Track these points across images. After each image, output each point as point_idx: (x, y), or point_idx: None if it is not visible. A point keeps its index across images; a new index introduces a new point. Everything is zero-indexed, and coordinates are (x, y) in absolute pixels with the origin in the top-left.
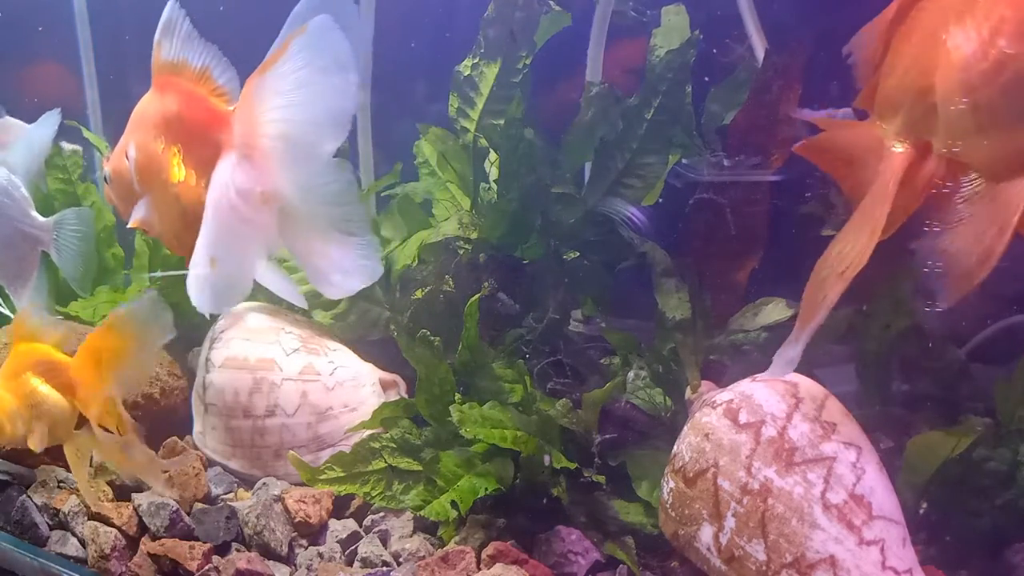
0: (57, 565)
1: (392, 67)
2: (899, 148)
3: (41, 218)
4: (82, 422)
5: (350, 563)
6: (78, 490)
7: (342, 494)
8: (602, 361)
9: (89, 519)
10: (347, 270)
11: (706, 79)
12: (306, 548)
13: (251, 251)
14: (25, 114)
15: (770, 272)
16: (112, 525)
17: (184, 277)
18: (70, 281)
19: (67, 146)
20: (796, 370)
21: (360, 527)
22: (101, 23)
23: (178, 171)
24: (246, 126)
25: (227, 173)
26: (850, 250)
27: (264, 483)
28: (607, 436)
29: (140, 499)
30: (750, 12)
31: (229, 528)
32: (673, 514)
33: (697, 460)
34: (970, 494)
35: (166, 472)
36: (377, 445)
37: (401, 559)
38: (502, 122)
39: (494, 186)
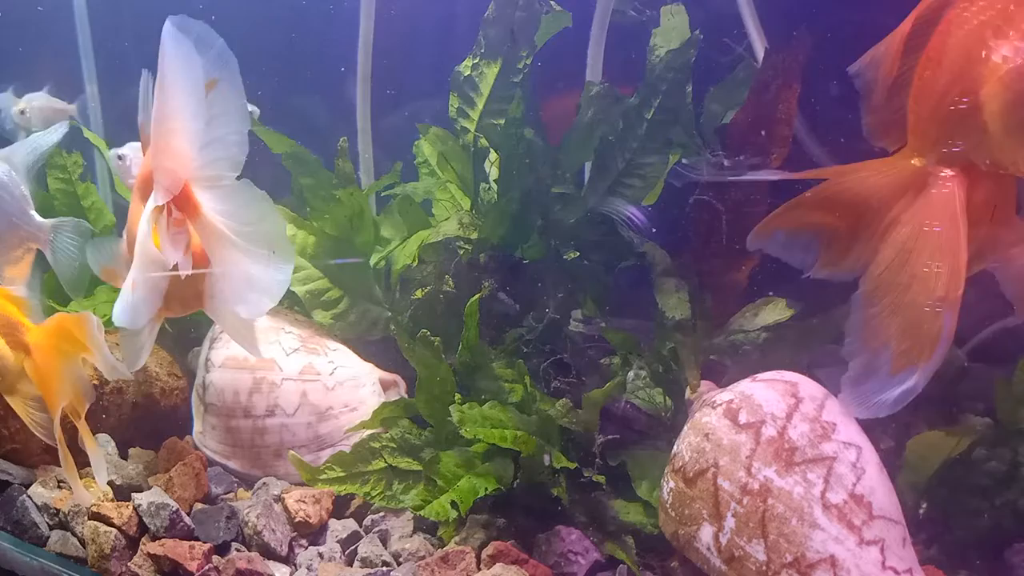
0: (57, 565)
1: (392, 67)
2: (948, 172)
3: (40, 218)
4: None
5: (350, 563)
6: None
7: (342, 494)
8: (602, 361)
9: (89, 519)
10: (262, 288)
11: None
12: (306, 548)
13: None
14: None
15: (770, 272)
16: (112, 525)
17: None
18: (63, 283)
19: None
20: (794, 370)
21: (360, 527)
22: (101, 23)
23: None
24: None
25: (151, 203)
26: (939, 278)
27: (264, 483)
28: (607, 436)
29: (140, 499)
30: (750, 12)
31: (229, 528)
32: (673, 514)
33: (697, 460)
34: (970, 494)
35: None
36: (377, 445)
37: (401, 559)
38: (502, 122)
39: (494, 186)
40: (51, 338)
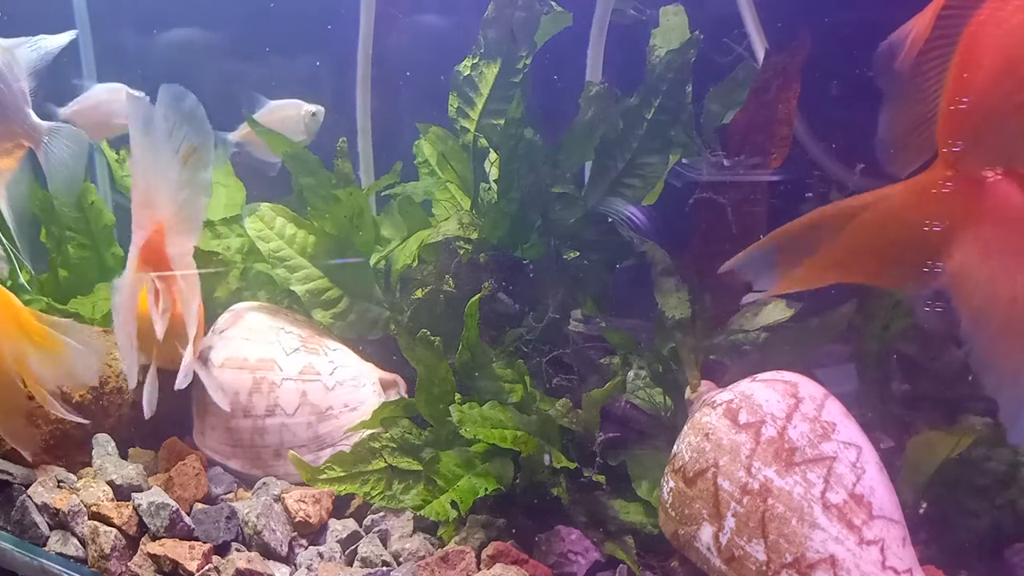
0: (57, 565)
1: (392, 67)
2: (995, 175)
3: (36, 118)
4: None
5: (350, 563)
6: (78, 489)
7: (342, 494)
8: (602, 361)
9: (89, 519)
10: None
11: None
12: (306, 548)
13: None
14: None
15: None
16: (112, 525)
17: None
18: (52, 189)
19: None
20: (794, 370)
21: (360, 527)
22: (101, 23)
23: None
24: None
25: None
26: None
27: (264, 483)
28: (607, 436)
29: (140, 499)
30: (750, 12)
31: (229, 528)
32: (673, 514)
33: (697, 460)
34: (970, 494)
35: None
36: (377, 445)
37: (401, 559)
38: (502, 122)
39: (494, 186)
40: (20, 311)
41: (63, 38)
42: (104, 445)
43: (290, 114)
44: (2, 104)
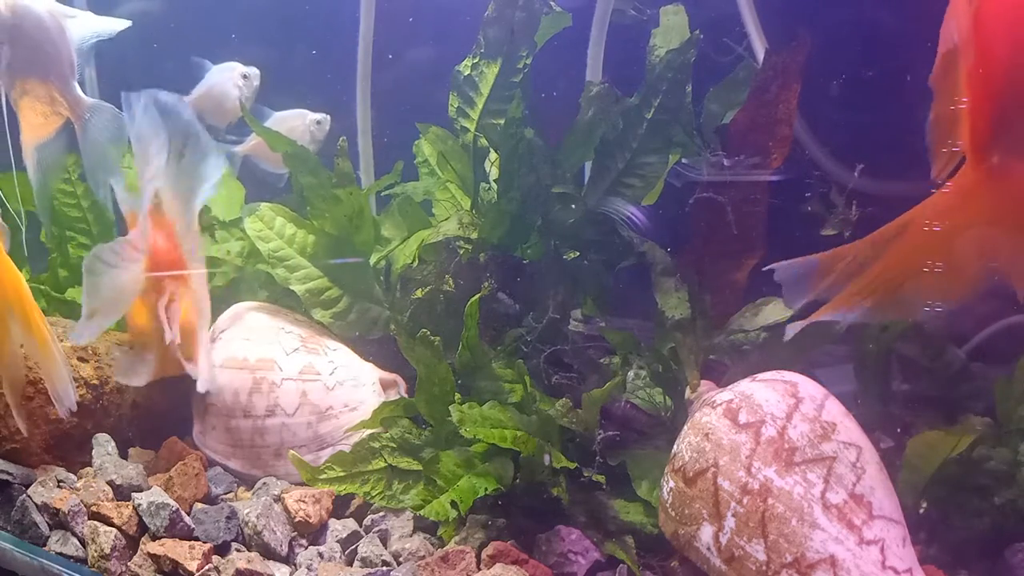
0: (57, 565)
1: (392, 67)
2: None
3: (80, 91)
4: None
5: (350, 563)
6: (78, 488)
7: (342, 494)
8: (602, 361)
9: (89, 519)
10: None
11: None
12: (306, 548)
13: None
14: None
15: (770, 272)
16: (112, 525)
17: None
18: (85, 167)
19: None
20: (794, 370)
21: (360, 527)
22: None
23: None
24: None
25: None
26: None
27: (264, 483)
28: (607, 435)
29: (140, 499)
30: (750, 12)
31: (229, 528)
32: (673, 514)
33: (697, 460)
34: (970, 494)
35: None
36: (377, 445)
37: (401, 559)
38: (502, 122)
39: (494, 186)
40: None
41: (117, 24)
42: (104, 445)
43: (295, 124)
44: (45, 66)
